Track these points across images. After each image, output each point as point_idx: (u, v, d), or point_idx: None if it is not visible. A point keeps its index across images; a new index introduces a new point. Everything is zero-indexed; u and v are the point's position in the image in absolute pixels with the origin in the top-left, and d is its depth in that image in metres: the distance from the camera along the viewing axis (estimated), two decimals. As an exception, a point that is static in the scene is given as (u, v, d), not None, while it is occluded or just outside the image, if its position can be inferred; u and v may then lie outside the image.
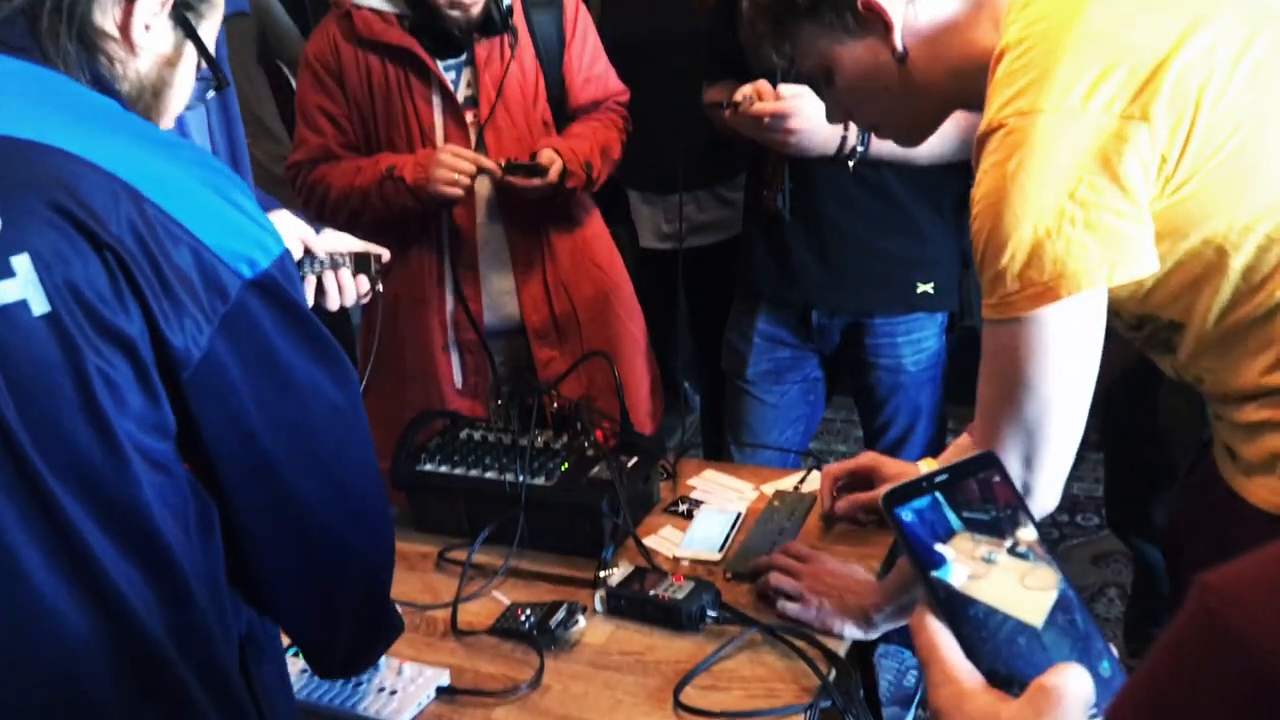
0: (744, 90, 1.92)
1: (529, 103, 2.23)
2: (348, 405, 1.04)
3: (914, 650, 2.30)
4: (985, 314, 1.21)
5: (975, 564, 0.68)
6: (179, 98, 1.09)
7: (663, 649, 1.44)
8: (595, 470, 1.68)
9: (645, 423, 2.37)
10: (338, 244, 1.52)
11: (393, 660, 1.42)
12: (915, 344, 2.24)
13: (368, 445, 1.08)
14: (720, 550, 1.66)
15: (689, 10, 2.68)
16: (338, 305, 1.50)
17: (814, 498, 1.75)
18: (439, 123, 2.19)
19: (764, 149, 2.08)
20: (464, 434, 1.81)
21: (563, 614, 1.48)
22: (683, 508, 1.78)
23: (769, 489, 1.81)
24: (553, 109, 2.27)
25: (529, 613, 1.50)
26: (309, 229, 1.47)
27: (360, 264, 1.51)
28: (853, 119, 1.49)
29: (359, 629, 1.15)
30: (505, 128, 2.20)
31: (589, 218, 2.40)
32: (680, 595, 1.47)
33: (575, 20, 2.28)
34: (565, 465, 1.70)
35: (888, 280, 2.19)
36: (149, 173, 0.92)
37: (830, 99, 1.42)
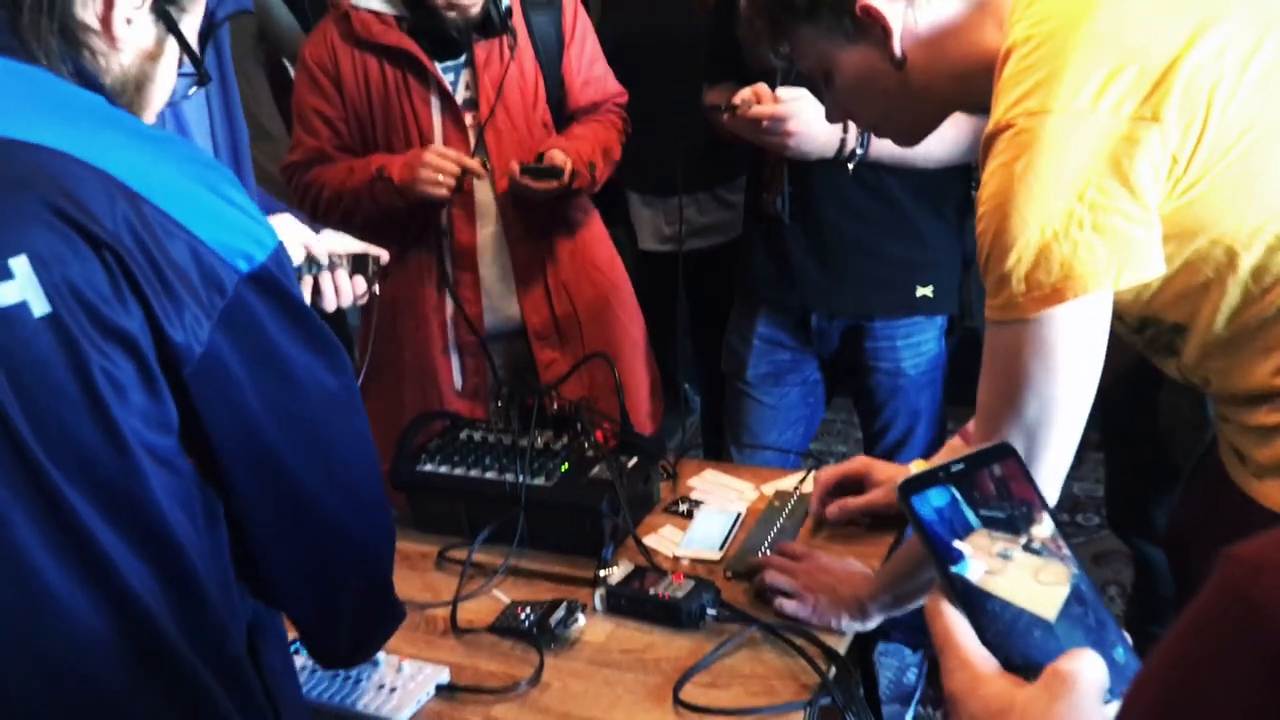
0: (742, 94, 1.92)
1: (528, 104, 2.23)
2: (344, 393, 1.05)
3: (914, 647, 2.29)
4: (989, 315, 1.19)
5: (991, 560, 0.69)
6: (162, 92, 1.09)
7: (662, 647, 1.44)
8: (595, 470, 1.69)
9: (645, 424, 2.38)
10: (336, 245, 1.52)
11: (392, 658, 1.43)
12: (915, 347, 2.24)
13: (365, 432, 1.10)
14: (720, 549, 1.67)
15: (689, 11, 2.68)
16: (334, 306, 1.50)
17: (813, 498, 1.75)
18: (438, 124, 2.19)
19: (763, 152, 2.08)
20: (464, 435, 1.82)
21: (562, 612, 1.49)
22: (683, 507, 1.79)
23: (769, 489, 1.82)
24: (552, 111, 2.27)
25: (529, 611, 1.50)
26: (310, 233, 1.47)
27: (358, 265, 1.52)
28: (852, 119, 1.49)
29: (362, 615, 1.16)
30: (505, 129, 2.20)
31: (589, 220, 2.40)
32: (680, 594, 1.48)
33: (574, 22, 2.28)
34: (565, 465, 1.71)
35: (887, 284, 2.19)
36: (143, 171, 0.92)
37: (829, 99, 1.42)
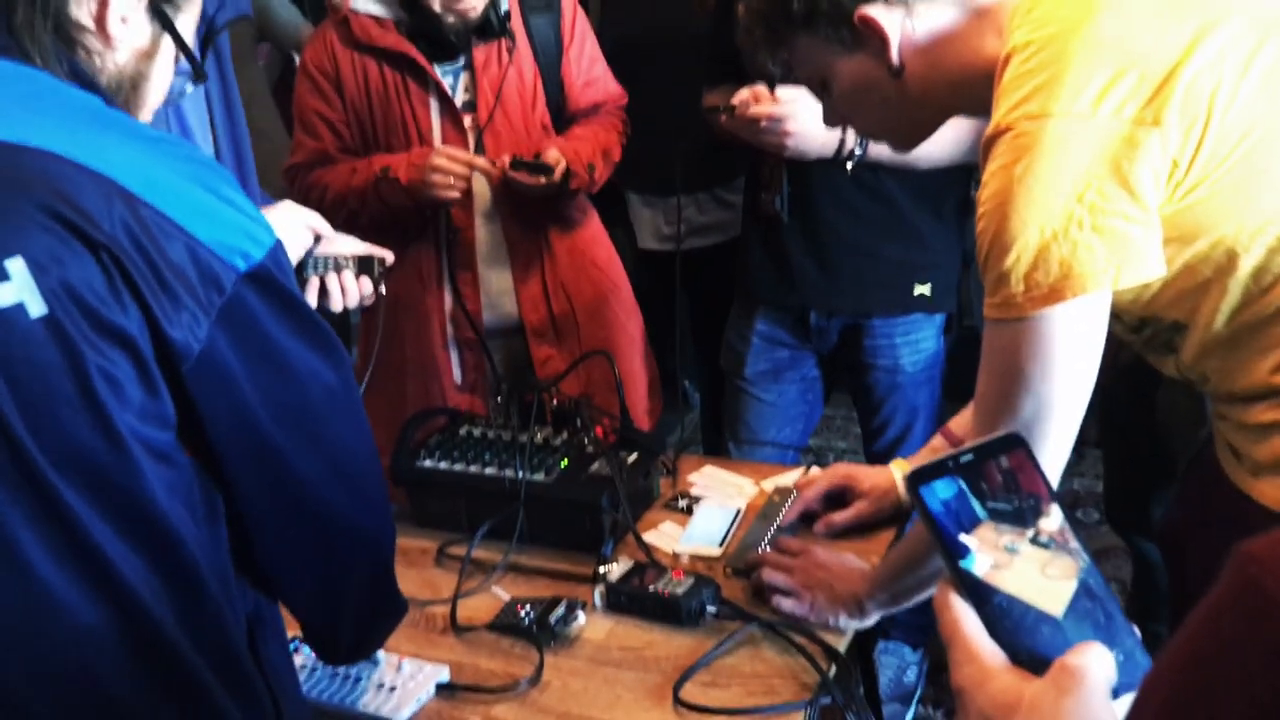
0: (740, 94, 1.92)
1: (527, 107, 2.23)
2: (342, 387, 1.05)
3: (914, 646, 2.30)
4: (987, 313, 1.20)
5: (998, 554, 0.69)
6: (157, 91, 1.09)
7: (662, 645, 1.44)
8: (595, 466, 1.69)
9: (643, 421, 2.37)
10: (341, 246, 1.52)
11: (392, 656, 1.43)
12: (913, 345, 2.24)
13: (364, 425, 1.10)
14: (720, 545, 1.66)
15: (688, 12, 2.68)
16: (341, 307, 1.51)
17: (814, 495, 1.75)
18: (437, 127, 2.19)
19: (763, 152, 2.08)
20: (463, 430, 1.82)
21: (562, 610, 1.49)
22: (683, 503, 1.78)
23: (769, 484, 1.82)
24: (551, 113, 2.27)
25: (528, 609, 1.50)
26: (316, 216, 1.48)
27: (363, 266, 1.52)
28: (849, 124, 1.49)
29: (365, 608, 1.17)
30: (504, 132, 2.20)
31: (587, 218, 2.40)
32: (680, 590, 1.47)
33: (573, 24, 2.28)
34: (565, 461, 1.70)
35: (886, 283, 2.19)
36: (139, 172, 0.93)
37: (826, 105, 1.42)
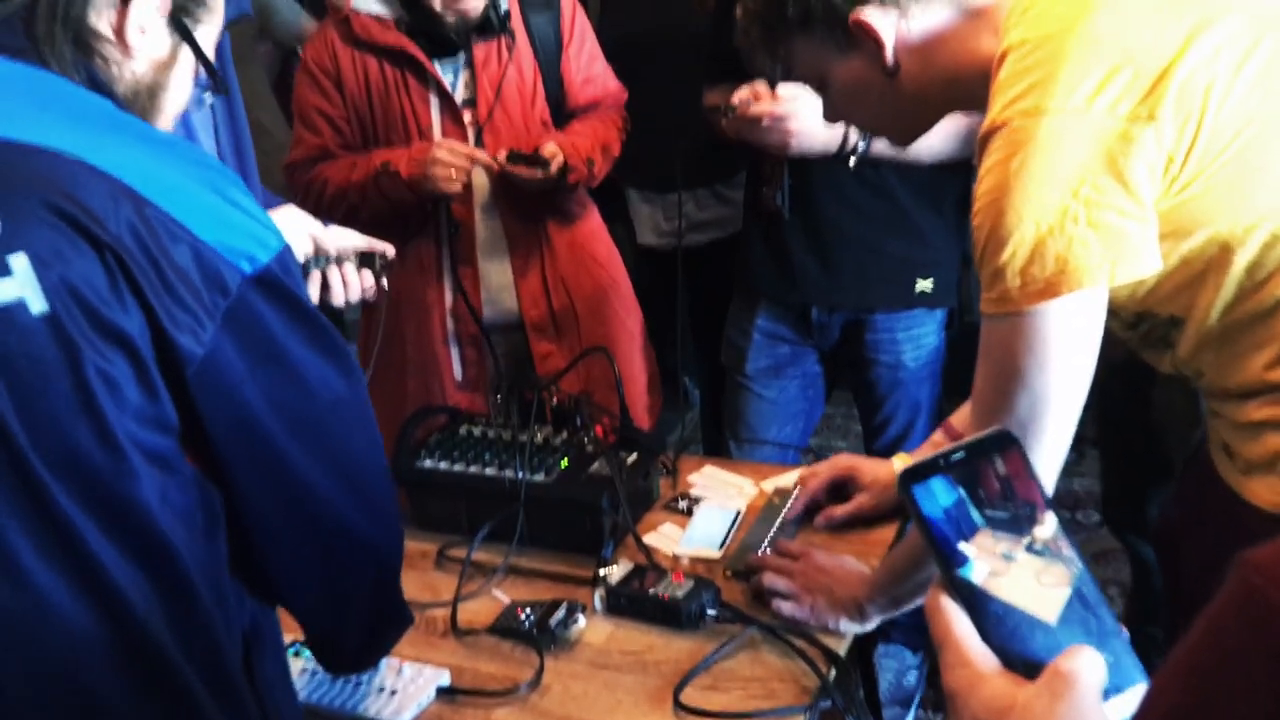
0: (740, 93, 1.91)
1: (527, 104, 2.23)
2: (352, 396, 1.04)
3: (914, 649, 2.30)
4: (984, 309, 1.20)
5: (995, 562, 0.69)
6: (175, 101, 1.09)
7: (662, 649, 1.44)
8: (595, 466, 1.68)
9: (643, 418, 2.38)
10: (342, 241, 1.52)
11: (393, 660, 1.42)
12: (915, 340, 2.24)
13: (374, 435, 1.09)
14: (720, 548, 1.66)
15: (689, 10, 2.67)
16: (342, 301, 1.51)
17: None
18: (437, 123, 2.19)
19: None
20: (463, 430, 1.81)
21: (562, 613, 1.48)
22: (683, 504, 1.78)
23: (769, 485, 1.81)
24: (551, 110, 2.27)
25: (529, 612, 1.50)
26: (317, 224, 1.47)
27: (365, 261, 1.52)
28: (849, 122, 1.49)
29: (370, 618, 1.16)
30: (504, 129, 2.20)
31: (587, 214, 2.40)
32: (680, 593, 1.47)
33: (572, 22, 2.29)
34: (565, 461, 1.70)
35: (887, 279, 2.19)
36: (147, 173, 0.93)
37: (825, 104, 1.43)
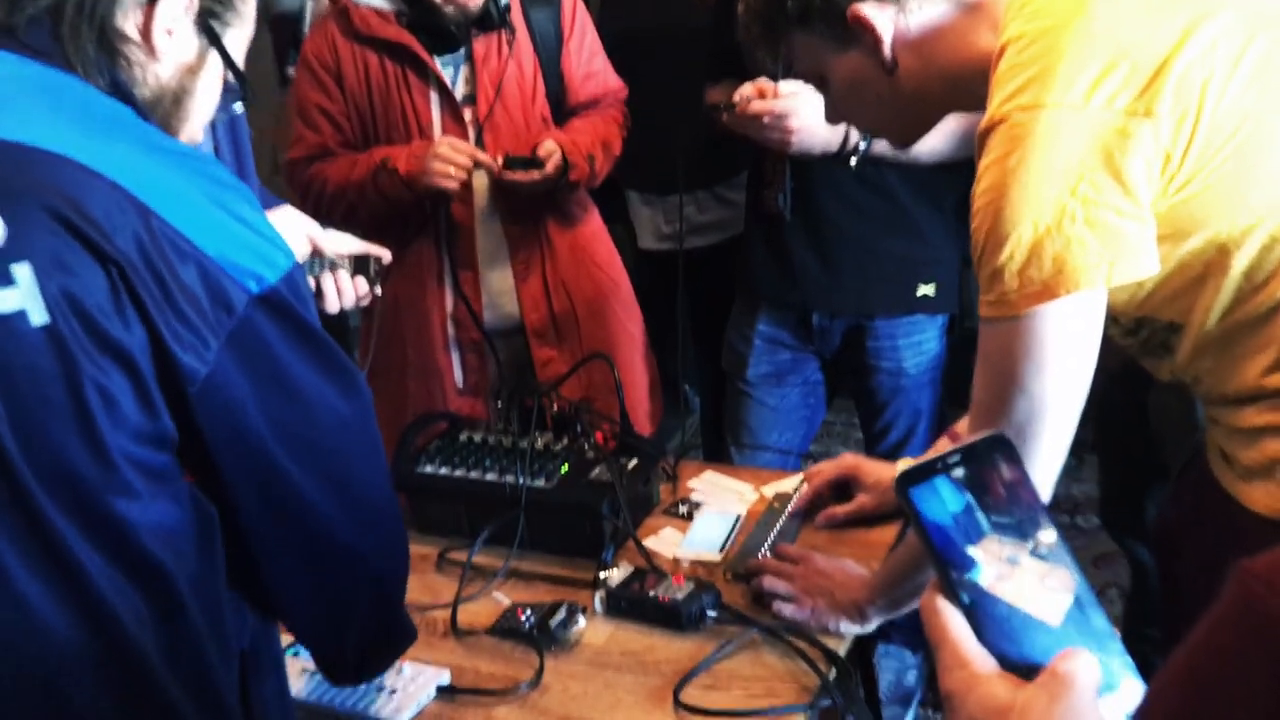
0: (742, 90, 1.91)
1: (527, 99, 2.23)
2: (356, 418, 1.03)
3: (914, 649, 2.29)
4: (982, 311, 1.20)
5: (1001, 565, 0.69)
6: (202, 107, 1.07)
7: (663, 649, 1.44)
8: (595, 472, 1.68)
9: (644, 423, 2.37)
10: (338, 245, 1.51)
11: (393, 660, 1.43)
12: (916, 346, 2.24)
13: (379, 457, 1.08)
14: (720, 551, 1.66)
15: (690, 7, 2.67)
16: (336, 308, 1.50)
17: (814, 499, 1.74)
18: (437, 119, 2.19)
19: (765, 148, 2.08)
20: (464, 436, 1.81)
21: (563, 614, 1.48)
22: (683, 509, 1.78)
23: (769, 490, 1.81)
24: (552, 106, 2.27)
25: (529, 613, 1.50)
26: (315, 225, 1.47)
27: (359, 266, 1.51)
28: (848, 121, 1.49)
29: (371, 635, 1.15)
30: (504, 124, 2.20)
31: (588, 216, 2.40)
32: (680, 596, 1.47)
33: (573, 17, 2.28)
34: (565, 467, 1.70)
35: (888, 281, 2.19)
36: (156, 185, 0.91)
37: (826, 102, 1.43)
